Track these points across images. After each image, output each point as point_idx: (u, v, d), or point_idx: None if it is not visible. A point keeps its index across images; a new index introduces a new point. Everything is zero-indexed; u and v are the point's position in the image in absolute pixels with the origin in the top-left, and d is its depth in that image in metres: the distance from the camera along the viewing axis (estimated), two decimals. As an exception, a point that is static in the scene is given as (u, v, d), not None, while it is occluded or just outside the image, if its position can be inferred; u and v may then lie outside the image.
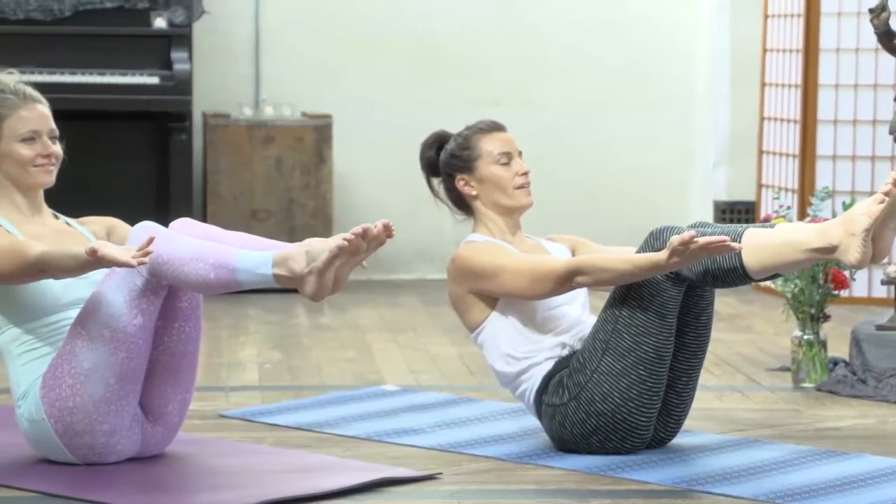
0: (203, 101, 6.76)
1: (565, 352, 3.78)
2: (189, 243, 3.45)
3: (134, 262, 3.28)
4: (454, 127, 3.99)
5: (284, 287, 3.44)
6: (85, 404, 3.49)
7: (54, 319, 3.57)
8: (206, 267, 3.40)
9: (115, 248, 3.30)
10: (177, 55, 6.30)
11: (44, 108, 3.66)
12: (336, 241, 3.35)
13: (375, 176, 7.00)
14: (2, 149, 3.62)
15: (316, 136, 6.63)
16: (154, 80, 6.25)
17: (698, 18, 7.14)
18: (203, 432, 3.95)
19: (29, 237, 3.58)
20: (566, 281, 3.67)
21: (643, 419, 3.71)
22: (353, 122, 6.90)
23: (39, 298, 3.55)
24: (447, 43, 7.02)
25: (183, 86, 6.26)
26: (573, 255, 3.91)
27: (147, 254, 3.30)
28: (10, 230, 3.60)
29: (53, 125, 3.67)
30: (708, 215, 7.02)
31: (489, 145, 3.87)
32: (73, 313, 3.56)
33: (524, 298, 3.74)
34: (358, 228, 3.36)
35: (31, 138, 3.62)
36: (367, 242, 3.37)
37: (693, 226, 3.71)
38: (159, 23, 6.38)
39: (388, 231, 3.38)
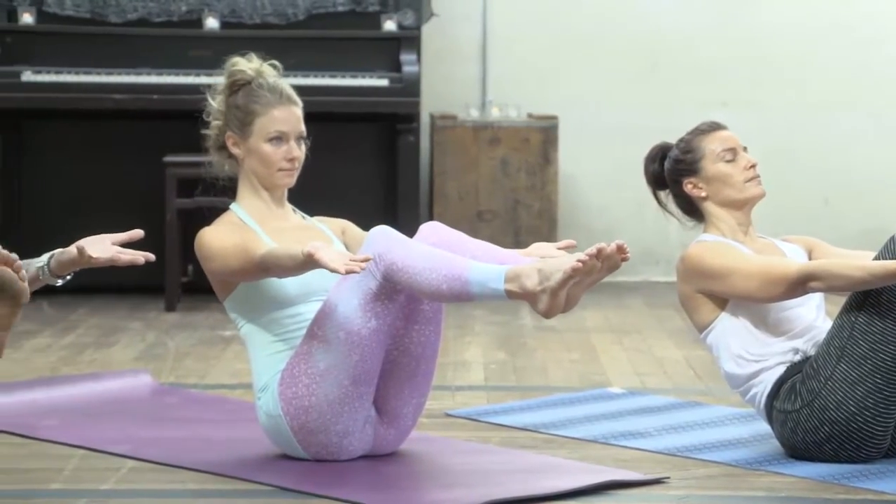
0: (430, 102, 6.84)
1: (797, 357, 3.71)
2: (424, 252, 3.45)
3: (342, 270, 3.29)
4: (681, 127, 3.96)
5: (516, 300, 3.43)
6: (319, 404, 3.55)
7: (299, 311, 3.60)
8: (438, 278, 3.40)
9: (329, 253, 3.32)
10: (406, 57, 6.38)
11: (297, 110, 3.70)
12: (571, 261, 3.32)
13: (601, 177, 6.98)
14: (250, 144, 3.70)
15: (542, 137, 6.64)
16: (383, 82, 6.33)
17: (934, 16, 6.93)
18: (430, 431, 3.99)
19: (271, 232, 3.66)
20: (799, 286, 3.60)
21: (879, 428, 3.61)
22: (578, 123, 6.89)
23: (282, 289, 3.60)
24: (674, 42, 6.96)
25: (411, 87, 6.33)
26: (809, 257, 3.84)
27: (360, 267, 3.31)
28: (252, 227, 3.68)
29: (303, 128, 3.70)
30: (946, 219, 6.81)
31: (712, 144, 3.83)
32: (315, 306, 3.59)
33: (754, 301, 3.69)
34: (592, 249, 3.32)
35: (278, 138, 3.69)
36: (601, 262, 3.35)
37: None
38: (389, 25, 6.47)
39: (621, 252, 3.33)
